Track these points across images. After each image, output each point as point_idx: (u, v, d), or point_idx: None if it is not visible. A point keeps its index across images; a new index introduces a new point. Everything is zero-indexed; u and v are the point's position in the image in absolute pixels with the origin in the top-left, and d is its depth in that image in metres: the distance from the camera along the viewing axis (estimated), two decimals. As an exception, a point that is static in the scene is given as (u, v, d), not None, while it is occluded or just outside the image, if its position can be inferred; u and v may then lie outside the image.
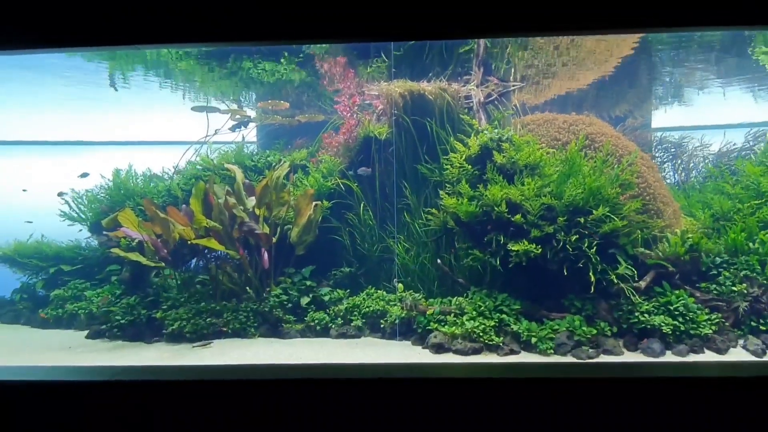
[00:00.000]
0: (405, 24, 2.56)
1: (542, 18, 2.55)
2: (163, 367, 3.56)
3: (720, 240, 4.23)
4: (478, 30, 2.62)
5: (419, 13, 2.55)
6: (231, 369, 3.48)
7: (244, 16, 2.56)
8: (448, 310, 3.93)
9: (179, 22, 2.57)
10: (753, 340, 3.58)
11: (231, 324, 4.20)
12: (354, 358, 3.67)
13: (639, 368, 3.38)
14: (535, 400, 2.90)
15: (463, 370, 3.42)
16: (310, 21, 2.58)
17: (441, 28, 2.58)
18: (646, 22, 2.55)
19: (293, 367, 3.46)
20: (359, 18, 2.56)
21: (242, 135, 6.59)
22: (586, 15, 2.55)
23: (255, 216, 4.60)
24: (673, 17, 2.55)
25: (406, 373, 3.37)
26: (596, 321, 3.69)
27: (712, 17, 2.59)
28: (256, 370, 3.46)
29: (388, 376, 3.29)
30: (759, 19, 2.50)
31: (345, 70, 5.32)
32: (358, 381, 3.17)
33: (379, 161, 5.04)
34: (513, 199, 3.86)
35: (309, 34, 2.66)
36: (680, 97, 7.76)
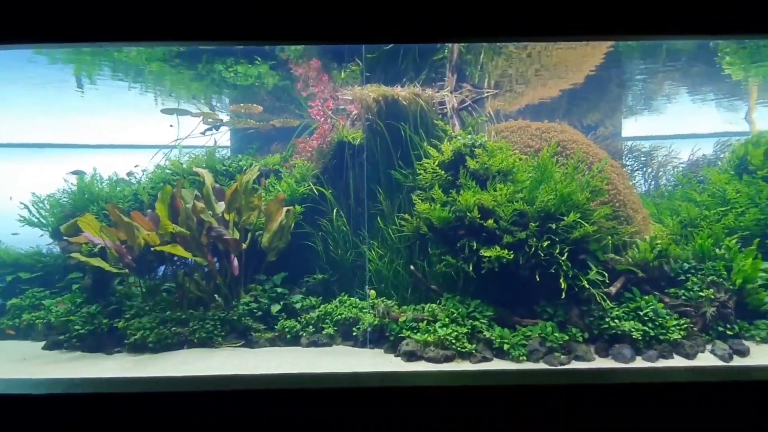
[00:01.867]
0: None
1: (534, 22, 2.55)
2: (124, 379, 3.40)
3: (688, 246, 4.30)
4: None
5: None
6: (196, 380, 3.35)
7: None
8: (421, 317, 3.87)
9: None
10: (720, 345, 3.63)
11: (197, 333, 4.05)
12: (324, 367, 3.57)
13: (610, 374, 3.39)
14: (507, 407, 2.87)
15: (436, 378, 3.37)
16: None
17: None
18: (639, 29, 2.58)
19: (261, 377, 3.34)
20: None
21: (214, 139, 6.45)
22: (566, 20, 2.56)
23: (224, 221, 4.47)
24: (658, 24, 2.58)
25: (378, 382, 3.29)
26: (568, 327, 3.68)
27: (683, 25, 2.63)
28: (223, 380, 3.33)
29: (358, 385, 3.21)
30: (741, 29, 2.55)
31: (319, 74, 5.27)
32: (328, 390, 3.08)
33: (353, 166, 4.98)
34: (486, 204, 3.85)
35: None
36: (650, 107, 7.96)
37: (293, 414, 2.85)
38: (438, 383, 3.25)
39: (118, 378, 3.40)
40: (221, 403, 2.91)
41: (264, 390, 3.06)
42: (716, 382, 3.08)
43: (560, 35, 2.67)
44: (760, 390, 2.91)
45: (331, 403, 2.89)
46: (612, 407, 2.83)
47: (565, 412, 2.83)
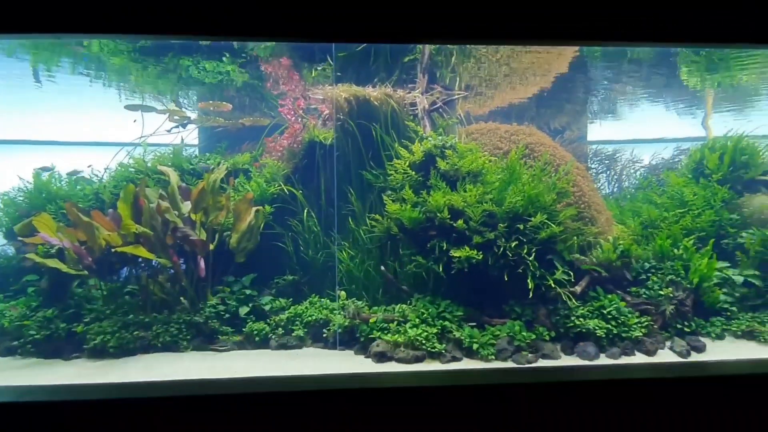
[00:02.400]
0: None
1: (510, 26, 2.59)
2: (82, 386, 3.26)
3: (648, 246, 4.46)
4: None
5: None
6: (159, 385, 3.25)
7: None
8: (391, 318, 3.87)
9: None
10: (679, 342, 3.77)
11: (161, 337, 3.92)
12: (294, 369, 3.52)
13: (575, 371, 3.47)
14: (476, 406, 2.90)
15: (406, 379, 3.37)
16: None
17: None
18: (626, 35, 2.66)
19: (229, 381, 3.27)
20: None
21: (181, 137, 6.28)
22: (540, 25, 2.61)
23: (191, 222, 4.35)
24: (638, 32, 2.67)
25: (347, 383, 3.28)
26: (535, 326, 3.75)
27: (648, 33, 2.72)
28: (188, 385, 3.24)
29: (328, 387, 3.18)
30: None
31: (290, 73, 5.20)
32: (297, 393, 3.04)
33: (324, 166, 4.94)
34: (455, 205, 3.88)
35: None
36: (614, 112, 8.23)
37: (262, 418, 2.80)
38: (408, 384, 3.26)
39: (76, 385, 3.25)
40: (187, 408, 2.83)
41: (231, 394, 3.00)
42: (675, 378, 3.20)
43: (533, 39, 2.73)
44: (715, 384, 3.05)
45: (300, 406, 2.85)
46: (578, 404, 2.91)
47: (532, 410, 2.88)
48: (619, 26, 2.66)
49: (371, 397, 2.92)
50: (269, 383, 3.24)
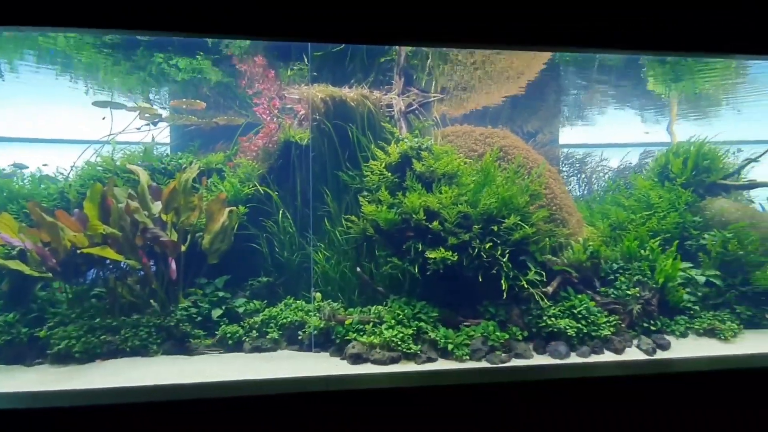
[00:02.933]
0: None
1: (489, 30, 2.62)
2: (45, 393, 3.13)
3: (617, 247, 4.59)
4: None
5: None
6: (128, 391, 3.15)
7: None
8: (367, 320, 3.87)
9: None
10: (645, 340, 3.90)
11: (130, 341, 3.81)
12: (268, 372, 3.47)
13: (547, 370, 3.55)
14: (451, 406, 2.93)
15: (381, 380, 3.38)
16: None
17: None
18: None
19: (200, 385, 3.20)
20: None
21: (152, 135, 6.12)
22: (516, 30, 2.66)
23: (162, 222, 4.24)
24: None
25: (323, 386, 3.26)
26: (509, 326, 3.81)
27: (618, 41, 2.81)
28: (158, 390, 3.16)
29: (303, 390, 3.16)
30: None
31: (265, 72, 5.14)
32: (272, 397, 3.01)
33: (299, 167, 4.90)
34: (431, 206, 3.91)
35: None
36: (584, 117, 8.46)
37: (235, 422, 2.75)
38: (383, 385, 3.27)
39: (39, 392, 3.13)
40: (157, 414, 2.76)
41: (203, 399, 2.94)
42: (641, 375, 3.32)
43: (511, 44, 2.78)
44: (679, 381, 3.17)
45: (275, 409, 2.82)
46: (550, 402, 2.97)
47: (506, 409, 2.93)
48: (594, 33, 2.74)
49: (347, 399, 2.91)
50: (243, 387, 3.19)
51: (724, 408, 3.02)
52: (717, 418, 3.00)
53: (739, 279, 4.64)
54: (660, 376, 3.26)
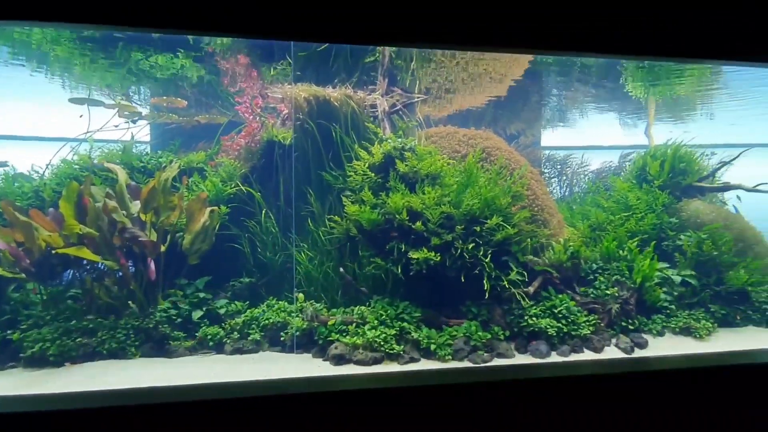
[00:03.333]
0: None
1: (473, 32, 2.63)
2: (18, 397, 3.04)
3: (596, 248, 4.67)
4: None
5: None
6: (104, 395, 3.08)
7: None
8: (350, 320, 3.86)
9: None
10: (623, 339, 3.98)
11: (107, 344, 3.72)
12: (250, 374, 3.43)
13: (528, 369, 3.58)
14: (433, 406, 2.94)
15: (364, 381, 3.37)
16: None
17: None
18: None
19: (179, 388, 3.14)
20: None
21: (131, 133, 6.00)
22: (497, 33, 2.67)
23: (141, 222, 4.16)
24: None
25: (305, 387, 3.23)
26: (491, 326, 3.85)
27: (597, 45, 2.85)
28: (136, 394, 3.09)
29: (285, 392, 3.13)
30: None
31: (248, 70, 5.09)
32: (253, 399, 2.97)
33: (283, 167, 4.86)
34: (414, 207, 3.92)
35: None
36: (565, 120, 8.59)
37: (216, 425, 2.71)
38: (366, 386, 3.25)
39: (11, 396, 3.03)
40: (134, 418, 2.70)
41: (183, 402, 2.88)
42: (619, 373, 3.37)
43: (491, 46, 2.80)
44: (656, 378, 3.23)
45: (257, 411, 2.79)
46: (531, 400, 3.00)
47: (488, 408, 2.95)
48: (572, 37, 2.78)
49: (330, 401, 2.89)
50: (223, 389, 3.15)
51: (700, 405, 3.09)
52: (692, 414, 3.07)
53: (714, 279, 4.77)
54: (638, 374, 3.32)
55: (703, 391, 3.12)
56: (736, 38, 2.99)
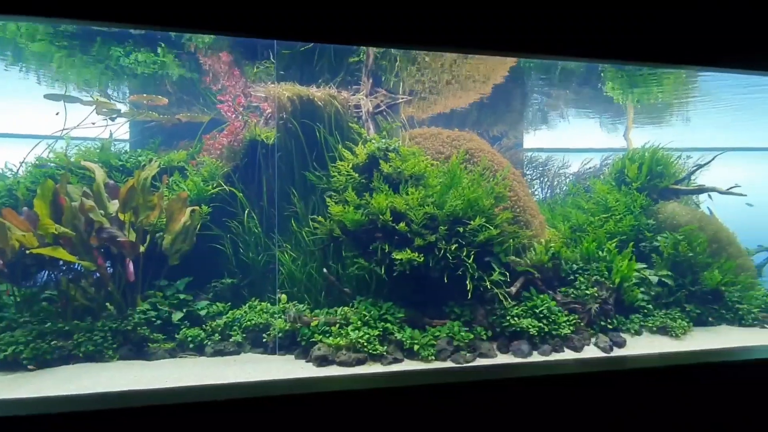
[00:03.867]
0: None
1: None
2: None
3: (576, 249, 4.74)
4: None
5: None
6: (80, 399, 3.00)
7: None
8: (333, 321, 3.84)
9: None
10: (602, 338, 4.05)
11: (83, 346, 3.64)
12: (231, 376, 3.39)
13: (510, 369, 3.62)
14: (417, 406, 2.94)
15: (347, 383, 3.35)
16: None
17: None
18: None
19: (158, 391, 3.08)
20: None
21: (110, 131, 5.87)
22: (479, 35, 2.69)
23: (119, 222, 4.08)
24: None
25: (287, 389, 3.20)
26: (474, 326, 3.87)
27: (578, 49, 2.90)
28: (113, 397, 3.03)
29: (267, 394, 3.09)
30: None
31: (230, 68, 5.03)
32: (234, 401, 2.93)
33: (266, 166, 4.82)
34: (398, 208, 3.93)
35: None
36: (547, 122, 8.71)
37: (196, 429, 2.67)
38: (349, 387, 3.24)
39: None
40: (111, 422, 2.64)
41: (161, 405, 2.83)
42: (598, 372, 3.43)
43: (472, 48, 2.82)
44: (633, 377, 3.30)
45: (238, 414, 2.75)
46: (513, 400, 3.03)
47: (471, 408, 2.96)
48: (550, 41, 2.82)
49: (312, 403, 2.87)
50: (204, 392, 3.10)
51: (675, 402, 3.16)
52: (668, 411, 3.14)
53: (689, 279, 4.89)
54: (616, 372, 3.38)
55: (678, 389, 3.20)
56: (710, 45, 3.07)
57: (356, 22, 2.55)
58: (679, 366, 3.43)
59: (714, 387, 3.24)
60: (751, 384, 3.29)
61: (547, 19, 2.77)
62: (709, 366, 3.43)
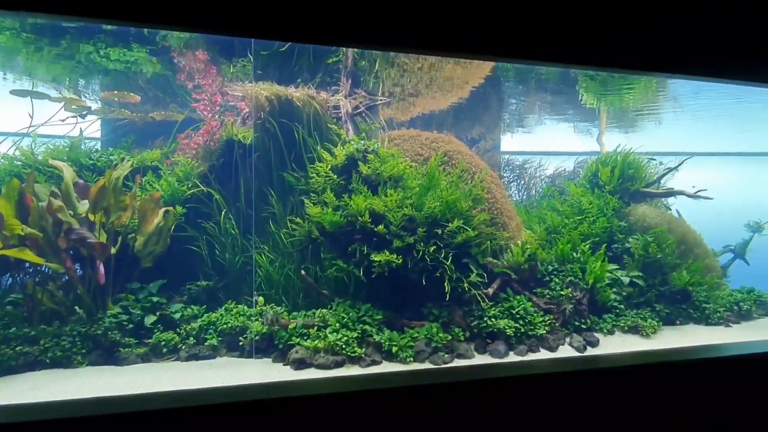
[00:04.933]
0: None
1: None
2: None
3: (552, 250, 4.83)
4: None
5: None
6: (48, 406, 2.90)
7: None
8: (311, 323, 3.81)
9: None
10: (577, 338, 4.13)
11: (51, 352, 3.51)
12: (206, 381, 3.32)
13: (487, 370, 3.66)
14: (395, 408, 2.94)
15: (325, 386, 3.33)
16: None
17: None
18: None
19: (129, 398, 3.00)
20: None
21: (80, 128, 5.68)
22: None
23: (89, 222, 3.95)
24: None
25: (264, 393, 3.16)
26: (451, 327, 3.90)
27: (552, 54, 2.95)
28: (83, 405, 2.93)
29: (243, 398, 3.05)
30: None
31: (207, 66, 4.94)
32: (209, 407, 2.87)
33: (243, 167, 4.75)
34: (376, 209, 3.93)
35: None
36: (523, 126, 8.86)
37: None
38: (327, 390, 3.22)
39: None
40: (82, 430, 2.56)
41: (134, 412, 2.76)
42: (573, 371, 3.50)
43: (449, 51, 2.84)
44: (606, 375, 3.38)
45: (214, 420, 2.70)
46: (491, 400, 3.06)
47: (449, 409, 2.98)
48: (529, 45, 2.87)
49: (289, 406, 2.84)
50: (178, 397, 3.03)
51: (646, 399, 3.25)
52: (639, 409, 3.23)
53: (659, 279, 5.04)
54: (589, 371, 3.45)
55: (649, 387, 3.29)
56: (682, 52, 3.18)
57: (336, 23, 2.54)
58: (650, 365, 3.53)
59: (682, 384, 3.35)
60: (716, 381, 3.41)
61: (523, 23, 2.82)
62: (677, 364, 3.54)
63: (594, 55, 3.01)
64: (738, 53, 3.28)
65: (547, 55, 2.95)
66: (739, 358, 3.58)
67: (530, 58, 2.95)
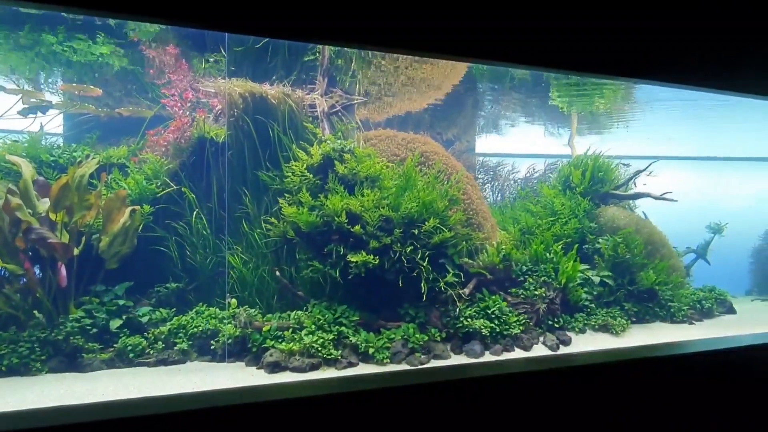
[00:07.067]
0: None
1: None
2: None
3: (526, 251, 4.90)
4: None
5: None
6: (3, 417, 2.72)
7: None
8: (286, 326, 3.73)
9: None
10: (550, 337, 4.19)
11: (7, 359, 3.31)
12: (175, 387, 3.20)
13: (463, 370, 3.66)
14: (372, 410, 2.90)
15: (300, 389, 3.26)
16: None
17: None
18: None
19: (92, 406, 2.85)
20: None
21: (40, 123, 5.41)
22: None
23: (50, 222, 3.76)
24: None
25: (237, 399, 3.06)
26: (428, 328, 3.89)
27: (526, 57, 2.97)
28: (42, 415, 2.77)
29: (213, 405, 2.94)
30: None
31: (177, 61, 4.78)
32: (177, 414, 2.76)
33: (215, 165, 4.62)
34: (353, 209, 3.88)
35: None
36: (497, 128, 8.97)
37: (135, 444, 2.49)
38: (302, 394, 3.15)
39: None
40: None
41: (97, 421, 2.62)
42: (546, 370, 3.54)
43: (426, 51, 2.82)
44: (579, 373, 3.43)
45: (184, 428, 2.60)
46: (467, 400, 3.06)
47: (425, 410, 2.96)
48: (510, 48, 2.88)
49: (263, 412, 2.76)
50: (144, 405, 2.90)
51: (617, 396, 3.32)
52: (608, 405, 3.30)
53: (627, 279, 5.18)
54: (561, 369, 3.50)
55: (619, 384, 3.36)
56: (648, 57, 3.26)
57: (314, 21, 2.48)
58: (620, 362, 3.61)
59: (651, 380, 3.43)
60: (683, 377, 3.52)
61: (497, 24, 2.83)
62: (646, 361, 3.63)
63: (566, 58, 3.05)
64: (712, 61, 3.40)
65: (522, 58, 2.97)
66: (703, 354, 3.71)
67: (506, 60, 2.97)
